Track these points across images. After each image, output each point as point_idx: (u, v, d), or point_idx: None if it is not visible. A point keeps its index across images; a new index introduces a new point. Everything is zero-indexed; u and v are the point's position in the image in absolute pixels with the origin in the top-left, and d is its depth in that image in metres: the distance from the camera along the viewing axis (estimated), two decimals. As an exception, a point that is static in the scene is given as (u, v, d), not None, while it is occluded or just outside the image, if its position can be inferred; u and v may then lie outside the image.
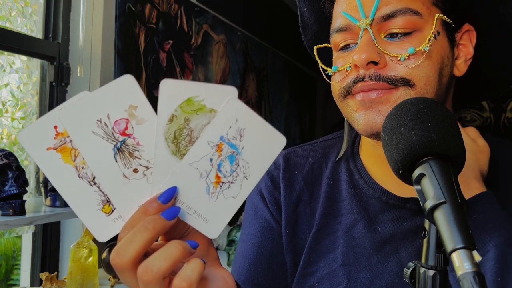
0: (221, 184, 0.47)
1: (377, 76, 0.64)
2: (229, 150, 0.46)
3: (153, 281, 0.43)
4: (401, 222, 0.71)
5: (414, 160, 0.48)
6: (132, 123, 0.45)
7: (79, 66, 1.69)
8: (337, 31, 0.69)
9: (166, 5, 2.11)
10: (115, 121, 0.45)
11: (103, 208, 0.46)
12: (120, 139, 0.45)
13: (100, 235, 0.47)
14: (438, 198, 0.44)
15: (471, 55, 0.71)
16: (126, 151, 0.45)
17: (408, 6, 0.64)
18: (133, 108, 0.45)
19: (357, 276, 0.71)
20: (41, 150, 0.44)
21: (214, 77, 2.56)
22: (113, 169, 0.45)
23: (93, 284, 1.32)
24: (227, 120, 0.45)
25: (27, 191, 1.19)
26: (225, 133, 0.46)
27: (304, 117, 4.35)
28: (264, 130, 0.47)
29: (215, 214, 0.47)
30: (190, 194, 0.46)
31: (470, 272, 0.38)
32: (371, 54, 0.63)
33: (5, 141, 1.55)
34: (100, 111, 0.44)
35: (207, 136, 0.45)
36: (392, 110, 0.53)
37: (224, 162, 0.46)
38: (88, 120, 0.44)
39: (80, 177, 0.45)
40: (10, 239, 1.66)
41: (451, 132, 0.48)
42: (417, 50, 0.64)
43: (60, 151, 0.45)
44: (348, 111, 0.69)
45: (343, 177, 0.77)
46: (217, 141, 0.46)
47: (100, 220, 0.46)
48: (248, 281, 0.77)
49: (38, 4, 1.65)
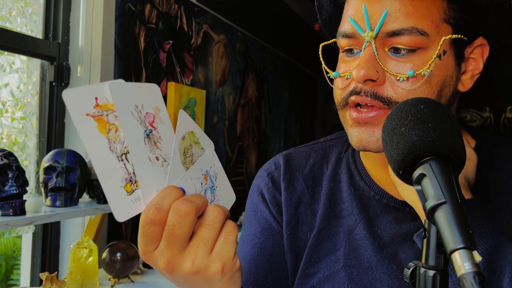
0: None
1: (372, 94, 0.64)
2: (210, 183, 0.56)
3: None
4: (400, 225, 0.71)
5: (414, 160, 0.48)
6: (157, 119, 0.51)
7: (79, 66, 1.69)
8: (343, 35, 0.69)
9: (166, 5, 2.11)
10: (146, 112, 0.50)
11: (125, 186, 0.49)
12: (148, 128, 0.50)
13: (119, 214, 0.48)
14: (438, 198, 0.44)
15: (480, 71, 0.69)
16: (152, 139, 0.50)
17: (415, 26, 0.63)
18: (158, 110, 0.51)
19: (358, 278, 0.71)
20: (81, 113, 0.46)
21: (214, 77, 2.56)
22: (143, 150, 0.49)
23: (93, 284, 1.32)
24: (210, 162, 0.56)
25: (27, 191, 1.18)
26: (209, 169, 0.56)
27: (304, 117, 4.35)
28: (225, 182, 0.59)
29: None
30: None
31: (471, 272, 0.38)
32: (369, 72, 0.63)
33: (5, 141, 1.55)
34: (138, 99, 0.49)
35: (200, 164, 0.55)
36: (392, 111, 0.53)
37: (208, 191, 0.55)
38: (130, 101, 0.49)
39: (111, 150, 0.48)
40: (10, 239, 1.66)
41: (452, 132, 0.48)
42: (417, 74, 0.63)
43: (97, 121, 0.47)
44: (345, 122, 0.70)
45: (343, 179, 0.77)
46: (204, 171, 0.55)
47: (121, 198, 0.48)
48: (249, 282, 0.77)
49: (38, 4, 1.65)
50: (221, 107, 2.64)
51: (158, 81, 2.07)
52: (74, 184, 1.35)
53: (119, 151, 0.48)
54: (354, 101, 0.66)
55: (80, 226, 1.67)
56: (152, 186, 0.50)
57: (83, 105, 0.46)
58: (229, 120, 2.74)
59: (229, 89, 2.74)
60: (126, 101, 0.48)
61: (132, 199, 0.49)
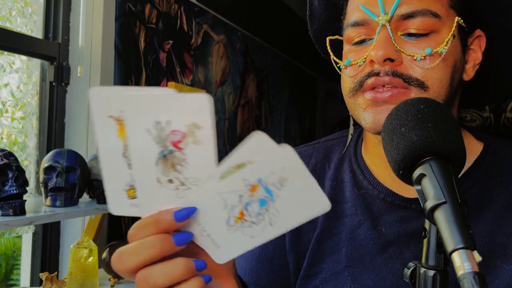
0: (243, 221, 0.46)
1: (393, 72, 0.64)
2: (263, 194, 0.44)
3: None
4: (406, 223, 0.70)
5: (414, 160, 0.48)
6: (187, 139, 0.43)
7: (79, 66, 1.69)
8: (353, 25, 0.68)
9: (166, 5, 2.11)
10: (173, 130, 0.43)
11: (128, 190, 0.47)
12: (169, 148, 0.44)
13: (114, 208, 0.47)
14: (438, 198, 0.44)
15: (479, 61, 0.70)
16: (170, 161, 0.44)
17: (428, 8, 0.64)
18: (196, 127, 0.43)
19: (361, 277, 0.70)
20: (104, 113, 0.44)
21: (214, 77, 2.56)
22: (150, 170, 0.44)
23: (93, 284, 1.31)
24: (272, 165, 0.43)
25: (27, 191, 1.18)
26: (265, 177, 0.43)
27: (304, 117, 4.35)
28: (309, 189, 0.44)
29: (228, 244, 0.47)
30: (208, 219, 0.46)
31: (471, 272, 0.38)
32: (388, 51, 0.63)
33: (5, 141, 1.55)
34: (163, 114, 0.43)
35: (244, 174, 0.43)
36: (392, 110, 0.53)
37: (254, 203, 0.45)
38: (148, 117, 0.43)
39: (124, 156, 0.45)
40: (10, 239, 1.66)
41: (451, 132, 0.48)
42: (434, 52, 0.63)
43: (120, 124, 0.44)
44: (356, 109, 0.68)
45: (346, 178, 0.77)
46: (253, 181, 0.44)
47: (120, 198, 0.47)
48: (250, 282, 0.77)
49: (38, 4, 1.65)
50: (221, 107, 2.64)
51: (158, 81, 2.07)
52: (74, 184, 1.35)
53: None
54: (372, 83, 0.65)
55: (80, 226, 1.67)
56: (155, 204, 0.46)
57: (109, 106, 0.44)
58: (229, 120, 2.74)
59: (229, 89, 2.74)
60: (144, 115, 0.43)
61: (131, 203, 0.47)
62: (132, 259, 0.44)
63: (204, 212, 0.45)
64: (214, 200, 0.45)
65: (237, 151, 0.42)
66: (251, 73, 3.06)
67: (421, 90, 0.64)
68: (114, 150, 0.45)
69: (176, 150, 0.44)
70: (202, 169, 0.44)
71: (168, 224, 0.44)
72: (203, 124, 0.43)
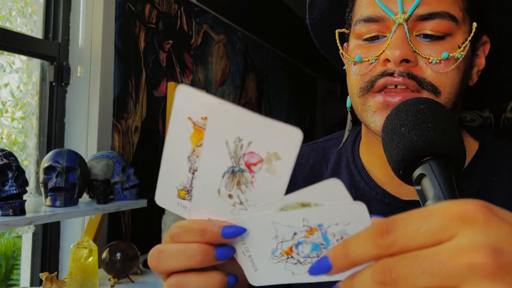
0: (290, 256, 0.44)
1: (408, 74, 0.62)
2: (319, 239, 0.42)
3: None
4: None
5: (414, 160, 0.48)
6: (262, 165, 0.42)
7: (79, 66, 1.69)
8: (366, 20, 0.66)
9: (166, 5, 2.11)
10: (251, 152, 0.42)
11: (180, 190, 0.46)
12: (241, 167, 0.42)
13: (160, 200, 0.46)
14: (438, 198, 0.44)
15: (483, 66, 0.70)
16: (237, 178, 0.43)
17: (447, 11, 0.63)
18: (276, 157, 0.41)
19: None
20: (184, 114, 0.43)
21: (214, 77, 2.56)
22: (215, 180, 0.43)
23: (93, 284, 1.32)
24: (339, 217, 0.41)
25: (27, 191, 1.18)
26: (327, 225, 0.41)
27: (304, 117, 4.35)
28: None
29: (266, 271, 0.45)
30: (255, 242, 0.44)
31: None
32: (406, 52, 0.62)
33: (5, 141, 1.55)
34: (248, 134, 0.41)
35: (306, 213, 0.41)
36: (392, 110, 0.53)
37: (306, 245, 0.43)
38: (231, 130, 0.41)
39: (188, 159, 0.44)
40: (10, 239, 1.66)
41: (452, 132, 0.48)
42: (451, 56, 0.62)
43: (195, 129, 0.43)
44: (365, 110, 0.67)
45: (344, 179, 0.76)
46: (313, 225, 0.41)
47: (170, 194, 0.46)
48: None
49: (38, 4, 1.65)
50: (221, 107, 2.64)
51: (158, 81, 2.07)
52: (74, 184, 1.35)
53: (194, 165, 0.45)
54: (383, 83, 0.63)
55: (80, 226, 1.67)
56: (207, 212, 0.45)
57: (192, 108, 0.42)
58: (229, 120, 2.74)
59: (229, 89, 2.74)
60: (226, 129, 0.41)
61: (179, 202, 0.46)
62: (170, 262, 0.43)
63: (253, 234, 0.44)
64: (266, 228, 0.43)
65: (307, 189, 0.40)
66: (251, 73, 3.06)
67: (433, 95, 0.63)
68: (181, 151, 0.44)
69: (247, 171, 0.42)
70: (266, 197, 0.43)
71: (214, 237, 0.43)
72: (285, 157, 0.41)
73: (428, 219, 0.31)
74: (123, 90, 1.84)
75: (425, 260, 0.30)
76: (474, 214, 0.30)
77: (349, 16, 0.72)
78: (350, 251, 0.34)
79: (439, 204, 0.32)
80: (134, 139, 1.92)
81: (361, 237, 0.34)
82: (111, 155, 1.53)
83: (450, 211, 0.31)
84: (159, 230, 1.87)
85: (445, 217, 0.31)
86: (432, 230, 0.31)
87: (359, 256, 0.34)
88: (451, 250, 0.29)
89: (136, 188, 1.57)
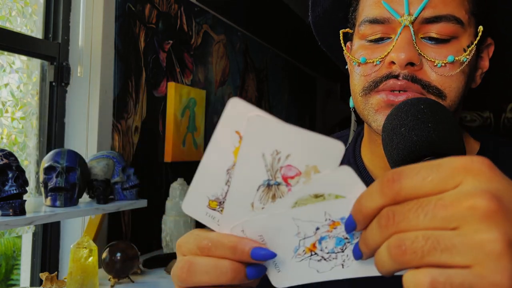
0: (313, 253, 0.43)
1: (412, 77, 0.62)
2: (343, 233, 0.41)
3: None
4: None
5: (414, 160, 0.48)
6: (301, 178, 0.41)
7: (79, 66, 1.69)
8: (371, 21, 0.65)
9: (166, 5, 2.11)
10: (288, 165, 0.41)
11: (211, 200, 0.44)
12: (278, 180, 0.41)
13: (187, 207, 0.45)
14: (438, 198, 0.44)
15: (487, 69, 0.70)
16: (272, 191, 0.42)
17: (453, 14, 0.62)
18: (315, 170, 0.40)
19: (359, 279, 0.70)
20: (232, 126, 0.41)
21: (214, 77, 2.56)
22: (249, 193, 0.42)
23: (93, 284, 1.31)
24: None
25: (27, 191, 1.18)
26: None
27: (304, 117, 4.35)
28: None
29: (289, 270, 0.45)
30: (276, 241, 0.43)
31: None
32: (411, 55, 0.61)
33: (5, 141, 1.55)
34: (287, 146, 0.40)
35: (328, 207, 0.40)
36: (392, 110, 0.53)
37: (330, 240, 0.42)
38: (268, 145, 0.40)
39: (227, 172, 0.43)
40: (10, 239, 1.66)
41: (452, 132, 0.48)
42: (456, 60, 0.62)
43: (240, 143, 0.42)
44: (367, 109, 0.66)
45: None
46: (336, 218, 0.41)
47: (200, 203, 0.45)
48: None
49: (38, 4, 1.65)
50: (221, 107, 2.64)
51: (158, 81, 2.07)
52: (74, 184, 1.35)
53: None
54: (390, 86, 0.63)
55: (80, 226, 1.67)
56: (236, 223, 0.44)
57: (241, 122, 0.41)
58: (229, 120, 2.74)
59: (229, 89, 2.74)
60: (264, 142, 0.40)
61: (208, 212, 0.45)
62: (202, 277, 0.43)
63: (273, 233, 0.43)
64: (287, 225, 0.42)
65: (318, 180, 0.40)
66: (251, 73, 3.06)
67: (439, 99, 0.62)
68: (221, 163, 0.43)
69: (284, 184, 0.41)
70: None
71: (244, 256, 0.42)
72: (325, 170, 0.40)
73: (435, 169, 0.33)
74: (123, 90, 1.84)
75: (428, 205, 0.32)
76: (480, 167, 0.32)
77: (353, 15, 0.71)
78: (362, 204, 0.36)
79: (447, 158, 0.33)
80: (134, 139, 1.92)
81: (371, 189, 0.35)
82: (111, 155, 1.53)
83: (456, 163, 0.33)
84: (159, 230, 1.87)
85: (452, 168, 0.32)
86: (438, 179, 0.32)
87: (369, 207, 0.35)
88: (454, 195, 0.31)
89: (136, 188, 1.57)
